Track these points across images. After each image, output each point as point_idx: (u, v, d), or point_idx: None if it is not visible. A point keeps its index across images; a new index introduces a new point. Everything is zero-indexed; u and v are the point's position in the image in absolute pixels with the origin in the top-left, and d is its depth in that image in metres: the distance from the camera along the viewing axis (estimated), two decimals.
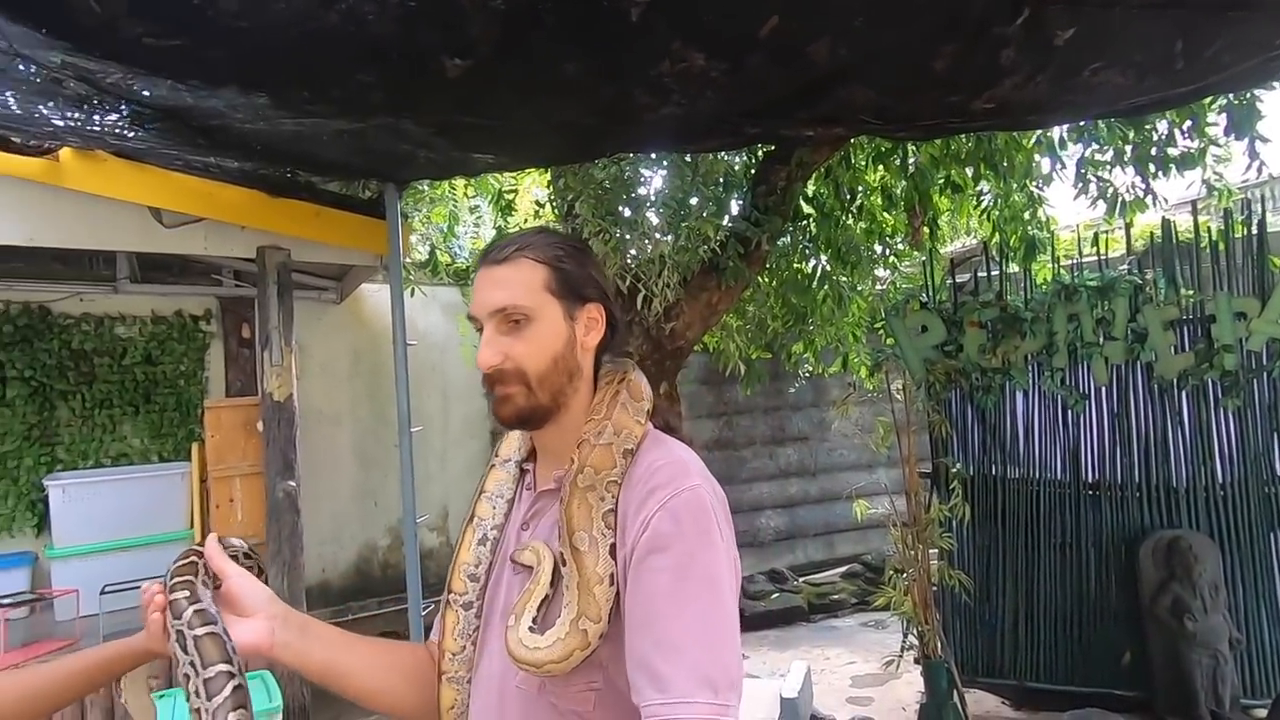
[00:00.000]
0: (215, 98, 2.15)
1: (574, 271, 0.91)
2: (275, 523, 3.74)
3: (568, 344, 0.90)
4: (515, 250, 0.90)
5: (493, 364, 0.88)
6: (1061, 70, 1.60)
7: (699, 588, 0.78)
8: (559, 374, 0.89)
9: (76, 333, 4.33)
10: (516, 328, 0.88)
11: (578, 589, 0.81)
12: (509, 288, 0.88)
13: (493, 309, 0.89)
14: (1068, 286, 3.38)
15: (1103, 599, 3.34)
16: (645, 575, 0.80)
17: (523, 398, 0.88)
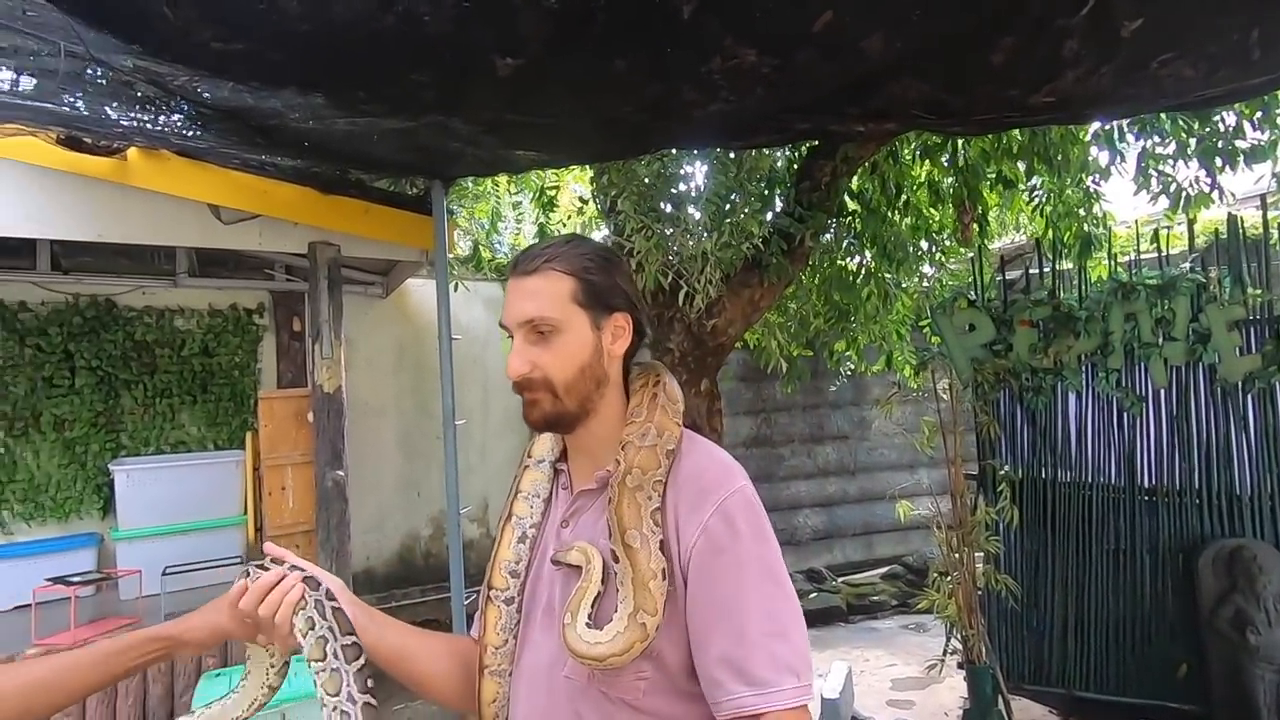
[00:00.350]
0: (274, 98, 2.22)
1: (601, 282, 0.93)
2: (324, 511, 3.86)
3: (594, 353, 0.93)
4: (543, 262, 0.92)
5: (521, 373, 0.91)
6: (1128, 62, 1.54)
7: (763, 581, 0.84)
8: (586, 382, 0.92)
9: (139, 325, 4.53)
10: (544, 338, 0.91)
11: (633, 584, 0.84)
12: (537, 299, 0.91)
13: (521, 320, 0.92)
14: (1125, 285, 3.26)
15: (1158, 608, 3.22)
16: (710, 577, 0.84)
17: (549, 404, 0.92)
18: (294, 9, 1.56)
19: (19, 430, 4.19)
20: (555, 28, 1.57)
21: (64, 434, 4.29)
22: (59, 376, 4.28)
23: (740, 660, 0.80)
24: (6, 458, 4.16)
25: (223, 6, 1.57)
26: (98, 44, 1.81)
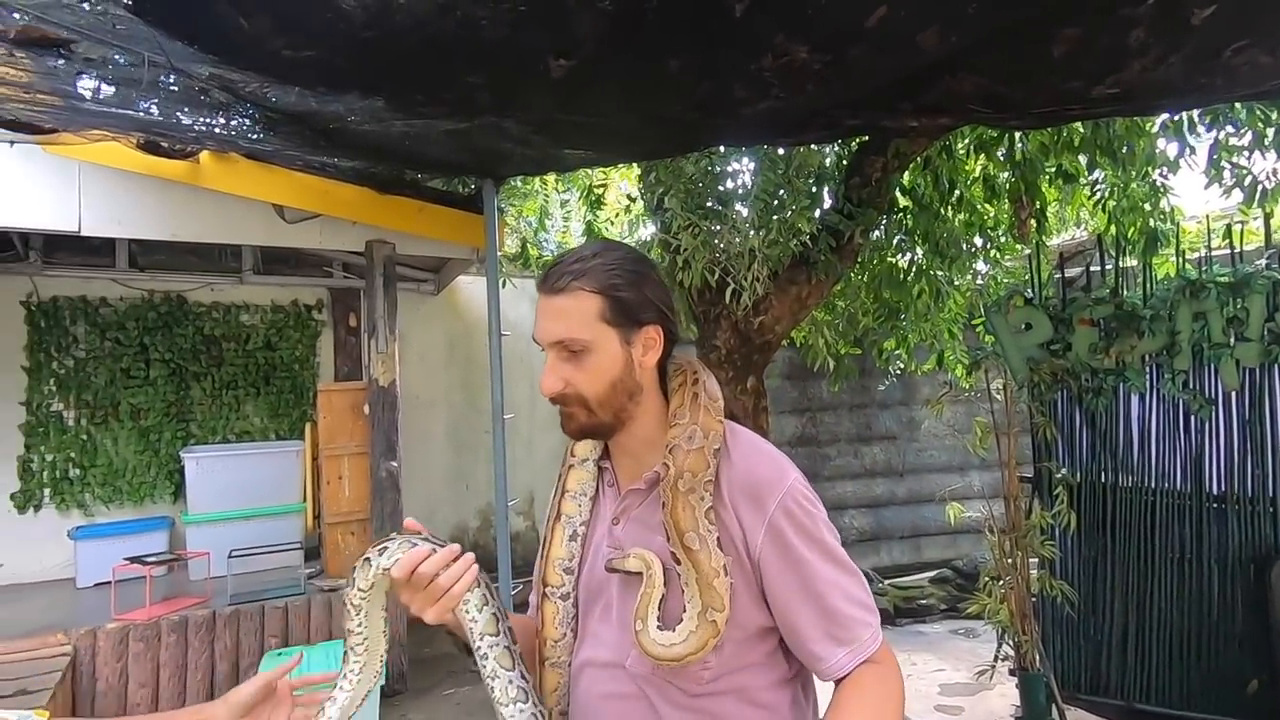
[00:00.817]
0: (338, 102, 2.32)
1: (629, 298, 0.93)
2: (378, 500, 4.00)
3: (625, 368, 0.94)
4: (571, 280, 0.92)
5: (554, 390, 0.94)
6: (1198, 51, 1.49)
7: (828, 561, 0.92)
8: (619, 395, 0.94)
9: (208, 320, 4.76)
10: (575, 356, 0.92)
11: (697, 584, 0.88)
12: (566, 320, 0.92)
13: (552, 340, 0.93)
14: (1194, 282, 3.11)
15: (1227, 621, 3.08)
16: (785, 570, 0.91)
17: (584, 417, 0.94)
18: (359, 17, 1.63)
19: (99, 419, 4.46)
20: (609, 29, 1.60)
21: (140, 422, 4.54)
22: (135, 368, 4.53)
23: (831, 631, 0.89)
24: (89, 444, 4.43)
25: (294, 17, 1.66)
26: (178, 54, 1.92)
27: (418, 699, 3.80)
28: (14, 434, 4.30)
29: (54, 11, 1.73)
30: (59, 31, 1.81)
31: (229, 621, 3.56)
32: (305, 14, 1.64)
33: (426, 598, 0.89)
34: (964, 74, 1.63)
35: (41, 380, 4.37)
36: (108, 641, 3.33)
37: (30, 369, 4.34)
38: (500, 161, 3.32)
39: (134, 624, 3.39)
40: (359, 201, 3.68)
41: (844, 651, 0.89)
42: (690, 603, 0.88)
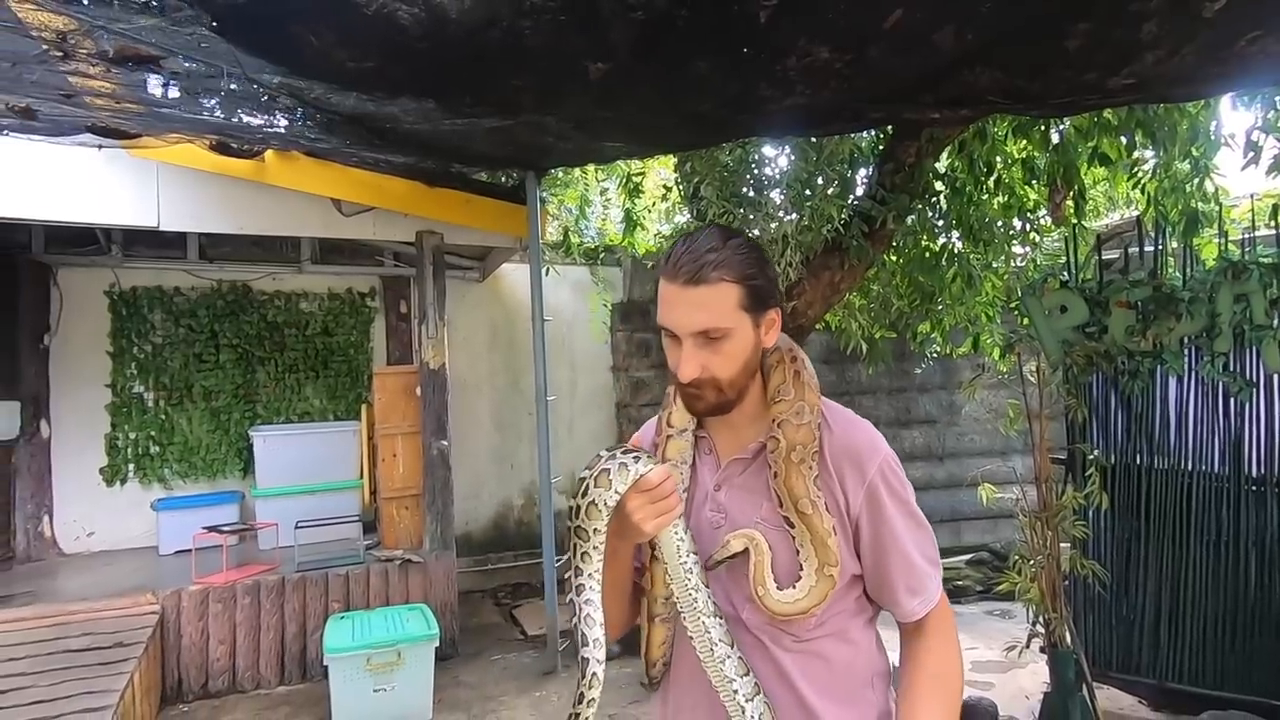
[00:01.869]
0: (392, 105, 2.50)
1: (762, 285, 0.98)
2: (430, 477, 4.24)
3: (754, 350, 1.00)
4: (711, 270, 0.94)
5: (693, 377, 0.97)
6: (1211, 42, 1.53)
7: (914, 521, 1.05)
8: (745, 376, 1.01)
9: (270, 307, 5.06)
10: (713, 343, 0.96)
11: (812, 545, 0.99)
12: (709, 311, 0.95)
13: (695, 330, 0.95)
14: (1236, 264, 3.08)
15: (1264, 603, 3.07)
16: (880, 527, 1.02)
17: (714, 397, 1.00)
18: (415, 30, 1.78)
19: (175, 400, 4.81)
20: (642, 34, 1.72)
21: (211, 403, 4.88)
22: (206, 353, 4.87)
23: (910, 584, 1.03)
24: (166, 423, 4.79)
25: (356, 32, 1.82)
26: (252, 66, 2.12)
27: (468, 663, 4.05)
28: (102, 414, 4.68)
29: (148, 32, 1.94)
30: (151, 50, 2.01)
31: (296, 587, 3.85)
32: (367, 29, 1.80)
33: (657, 509, 0.96)
34: (981, 69, 1.70)
35: (124, 364, 4.73)
36: (190, 602, 3.65)
37: (114, 354, 4.70)
38: (542, 154, 3.48)
39: (213, 587, 3.71)
40: (410, 195, 3.89)
41: (917, 600, 1.03)
42: (807, 561, 0.99)
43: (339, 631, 3.41)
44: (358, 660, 3.25)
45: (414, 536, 4.38)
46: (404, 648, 3.33)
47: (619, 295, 6.04)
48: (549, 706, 3.49)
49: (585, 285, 5.94)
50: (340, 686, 3.23)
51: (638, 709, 3.43)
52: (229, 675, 3.70)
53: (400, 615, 3.61)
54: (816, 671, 1.03)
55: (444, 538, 4.23)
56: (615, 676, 3.83)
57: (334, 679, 3.23)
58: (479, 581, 5.51)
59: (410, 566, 4.07)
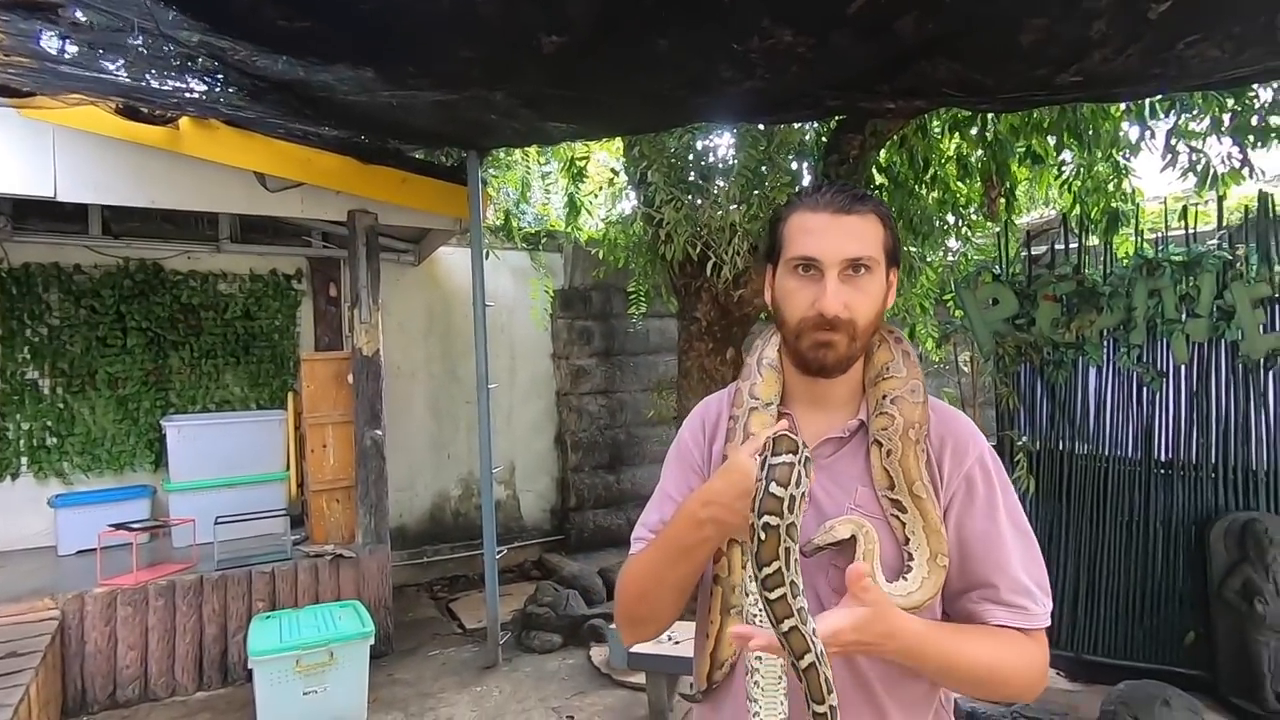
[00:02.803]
0: (326, 72, 2.33)
1: (896, 234, 0.96)
2: (363, 468, 4.06)
3: (884, 302, 0.95)
4: (859, 203, 0.91)
5: (836, 311, 0.89)
6: (1154, 43, 1.59)
7: (1023, 519, 0.96)
8: (874, 329, 0.95)
9: (185, 288, 4.71)
10: (856, 279, 0.90)
11: (924, 532, 0.91)
12: (863, 240, 0.90)
13: (846, 258, 0.90)
14: (1151, 261, 3.28)
15: (1169, 579, 3.30)
16: (984, 514, 0.94)
17: (845, 346, 0.92)
18: None
19: (76, 387, 4.42)
20: (602, 8, 1.66)
21: (117, 391, 4.51)
22: (112, 337, 4.49)
23: (1029, 585, 0.91)
24: (65, 413, 4.40)
25: None
26: (168, 20, 1.93)
27: (404, 660, 3.91)
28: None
29: None
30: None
31: (216, 586, 3.62)
32: None
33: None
34: (939, 59, 1.71)
35: (15, 348, 4.31)
36: (95, 605, 3.37)
37: (3, 336, 4.28)
38: (485, 133, 3.34)
39: (121, 589, 3.43)
40: (342, 171, 3.68)
41: (1005, 613, 0.90)
42: (918, 550, 0.91)
43: (265, 632, 3.22)
44: (286, 662, 3.08)
45: (345, 530, 4.18)
46: (336, 647, 3.17)
47: (560, 281, 5.94)
48: (490, 702, 3.40)
49: (525, 271, 5.80)
50: (267, 690, 3.05)
51: (581, 700, 3.39)
52: (140, 683, 3.45)
53: (332, 613, 3.44)
54: (894, 679, 0.93)
55: (378, 531, 4.05)
56: (559, 668, 3.78)
57: (260, 682, 3.05)
58: (414, 575, 5.34)
59: (342, 561, 3.89)
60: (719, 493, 0.88)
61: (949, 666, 0.86)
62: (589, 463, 6.02)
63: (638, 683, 3.32)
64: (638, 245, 4.05)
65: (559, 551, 5.72)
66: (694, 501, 0.92)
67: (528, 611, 4.16)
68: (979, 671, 0.87)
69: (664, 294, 4.16)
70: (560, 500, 6.00)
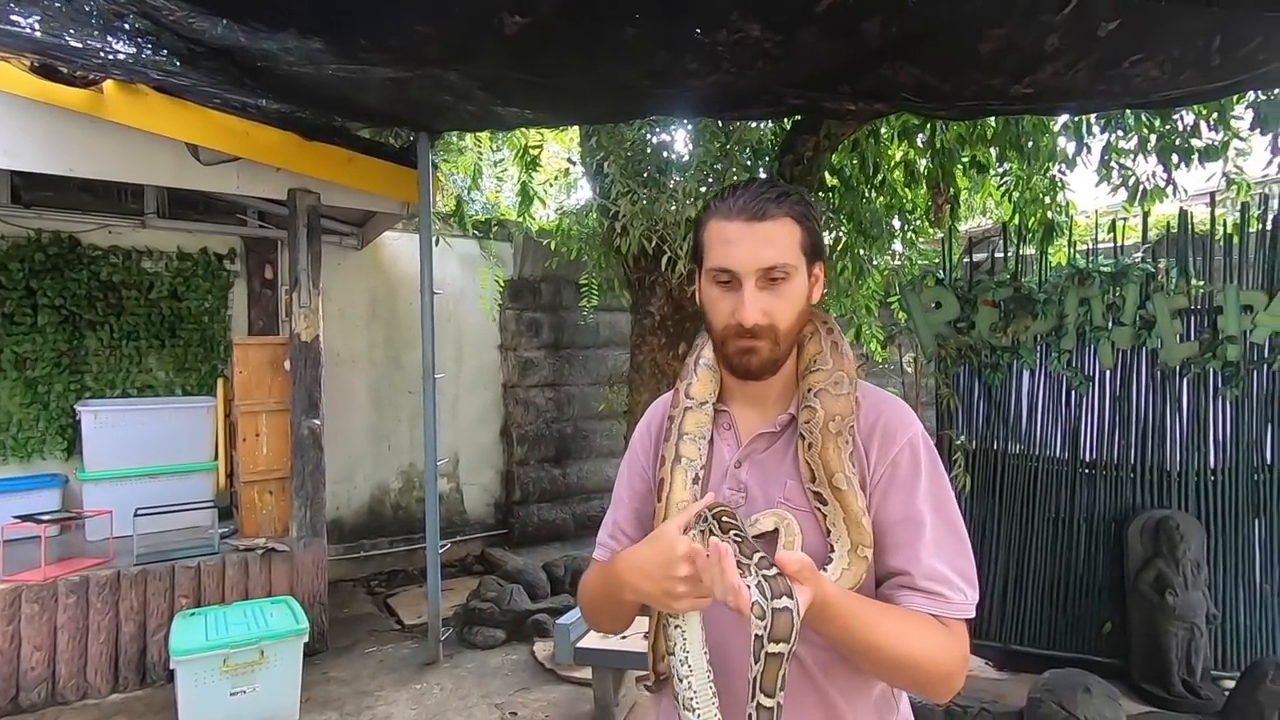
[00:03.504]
0: (271, 40, 2.21)
1: (815, 230, 0.94)
2: (299, 458, 3.89)
3: (807, 301, 0.95)
4: (775, 208, 0.91)
5: (756, 320, 0.91)
6: (1102, 60, 1.66)
7: (950, 508, 0.94)
8: (798, 329, 0.96)
9: (105, 264, 4.41)
10: (774, 285, 0.91)
11: (845, 523, 0.90)
12: (776, 246, 0.90)
13: (761, 266, 0.90)
14: (1082, 271, 3.44)
15: (1090, 572, 3.49)
16: (905, 501, 0.92)
17: (768, 351, 0.93)
18: None
19: None
20: None
21: (26, 373, 4.19)
22: (20, 314, 4.16)
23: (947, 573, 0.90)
24: None
25: None
26: None
27: (339, 657, 3.78)
28: None
29: None
30: None
31: (135, 582, 3.41)
32: None
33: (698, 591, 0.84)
34: (901, 64, 1.74)
35: None
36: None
37: None
38: (438, 115, 3.24)
39: (26, 585, 3.19)
40: (283, 147, 3.50)
41: (922, 599, 0.89)
42: (839, 542, 0.91)
43: (188, 630, 3.05)
44: (212, 661, 2.92)
45: (279, 523, 4.01)
46: (267, 645, 3.03)
47: (509, 271, 5.84)
48: (430, 699, 3.32)
49: (473, 259, 5.68)
50: (190, 691, 2.89)
51: (525, 696, 3.35)
52: (47, 686, 3.22)
53: (263, 609, 3.29)
54: (839, 671, 0.94)
55: (314, 524, 3.90)
56: (502, 664, 3.72)
57: (182, 683, 2.88)
58: (350, 570, 5.17)
59: (274, 556, 3.72)
60: (642, 560, 0.88)
61: (867, 642, 0.84)
62: (535, 456, 5.95)
63: (583, 678, 3.30)
64: (592, 237, 4.01)
65: (502, 546, 5.63)
66: (622, 562, 0.93)
67: (470, 607, 4.08)
68: (897, 653, 0.85)
69: (617, 287, 4.14)
70: (505, 494, 5.91)
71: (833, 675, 0.94)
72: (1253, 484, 3.37)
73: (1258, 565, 3.38)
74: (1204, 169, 3.46)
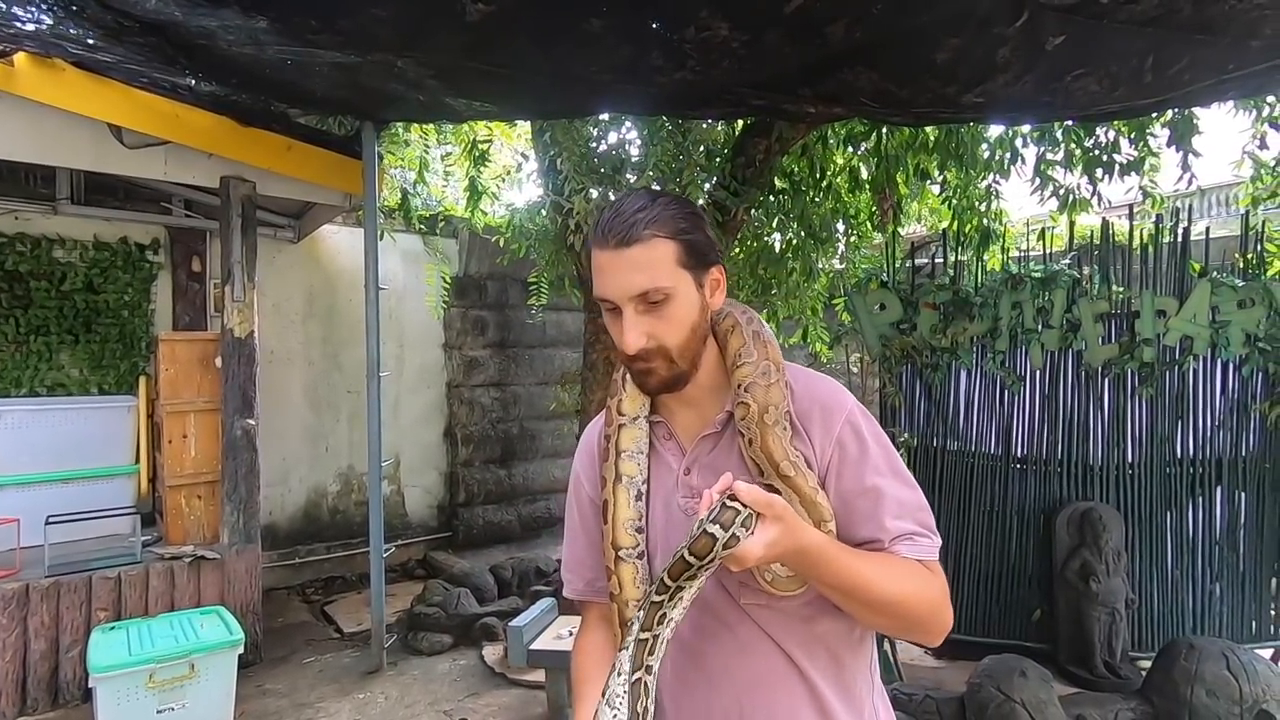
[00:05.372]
0: (211, 17, 2.09)
1: (698, 240, 0.92)
2: (231, 460, 3.69)
3: (701, 311, 0.94)
4: (644, 229, 0.88)
5: (639, 346, 0.90)
6: (1047, 73, 1.74)
7: (899, 467, 0.96)
8: (696, 341, 0.94)
9: (10, 253, 4.08)
10: (656, 308, 0.90)
11: (802, 506, 0.91)
12: (647, 270, 0.88)
13: (633, 294, 0.89)
14: (1015, 276, 3.62)
15: (1021, 562, 3.67)
16: (859, 474, 0.94)
17: (665, 370, 0.92)
18: None
19: None
20: None
21: None
22: None
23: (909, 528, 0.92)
24: None
25: None
26: None
27: (274, 668, 3.60)
28: None
29: None
30: None
31: (46, 594, 3.16)
32: None
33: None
34: (861, 69, 1.79)
35: None
36: None
37: None
38: (386, 104, 3.13)
39: None
40: (216, 131, 3.32)
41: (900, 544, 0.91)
42: None
43: (108, 645, 2.85)
44: (136, 678, 2.74)
45: (208, 529, 3.79)
46: (198, 658, 2.86)
47: (455, 268, 5.71)
48: (375, 708, 3.20)
49: (416, 255, 5.53)
50: (111, 710, 2.70)
51: (474, 701, 3.27)
52: None
53: (191, 621, 3.11)
54: (819, 656, 0.96)
55: (247, 530, 3.70)
56: (449, 669, 3.62)
57: (103, 702, 2.69)
58: (285, 577, 4.94)
59: (204, 564, 3.52)
60: None
61: (855, 584, 0.86)
62: (480, 457, 5.84)
63: (535, 680, 3.25)
64: (544, 234, 3.96)
65: (446, 549, 5.50)
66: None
67: (415, 612, 3.96)
68: (885, 592, 0.87)
69: (568, 286, 4.10)
70: (449, 495, 5.77)
71: (815, 658, 0.96)
72: (1164, 477, 3.62)
73: (1169, 553, 3.63)
74: (1124, 182, 3.69)
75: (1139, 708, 2.89)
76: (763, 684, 0.95)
